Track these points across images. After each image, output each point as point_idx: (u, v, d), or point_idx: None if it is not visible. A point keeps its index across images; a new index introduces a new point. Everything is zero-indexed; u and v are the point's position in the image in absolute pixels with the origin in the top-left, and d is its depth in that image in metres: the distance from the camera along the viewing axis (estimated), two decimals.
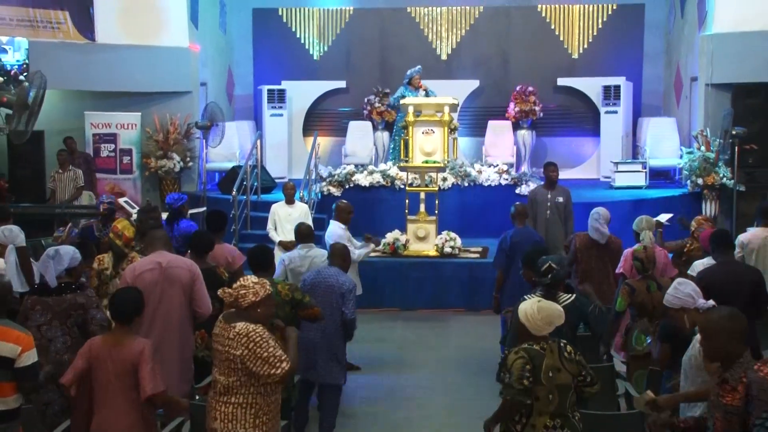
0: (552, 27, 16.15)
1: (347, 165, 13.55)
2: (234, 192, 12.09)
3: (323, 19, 16.48)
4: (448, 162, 12.23)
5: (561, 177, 10.24)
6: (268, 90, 15.59)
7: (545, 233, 9.45)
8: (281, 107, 15.59)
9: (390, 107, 14.93)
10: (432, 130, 11.71)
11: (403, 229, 11.29)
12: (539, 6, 16.13)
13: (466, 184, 12.68)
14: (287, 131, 15.73)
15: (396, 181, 12.61)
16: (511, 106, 15.22)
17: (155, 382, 4.67)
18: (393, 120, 14.89)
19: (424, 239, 11.24)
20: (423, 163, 11.54)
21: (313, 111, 16.25)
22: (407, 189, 11.67)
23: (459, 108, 13.80)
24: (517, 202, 9.21)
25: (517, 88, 15.27)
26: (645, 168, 13.88)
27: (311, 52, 16.51)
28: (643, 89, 16.08)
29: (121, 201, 12.13)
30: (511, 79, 15.77)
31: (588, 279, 8.07)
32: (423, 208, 11.33)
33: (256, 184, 13.14)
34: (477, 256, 11.26)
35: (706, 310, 4.54)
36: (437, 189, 11.68)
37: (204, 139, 13.03)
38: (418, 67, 14.05)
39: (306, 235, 7.70)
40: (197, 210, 12.23)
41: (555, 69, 15.87)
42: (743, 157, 12.20)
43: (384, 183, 12.71)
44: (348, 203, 8.95)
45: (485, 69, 16.18)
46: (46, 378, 5.25)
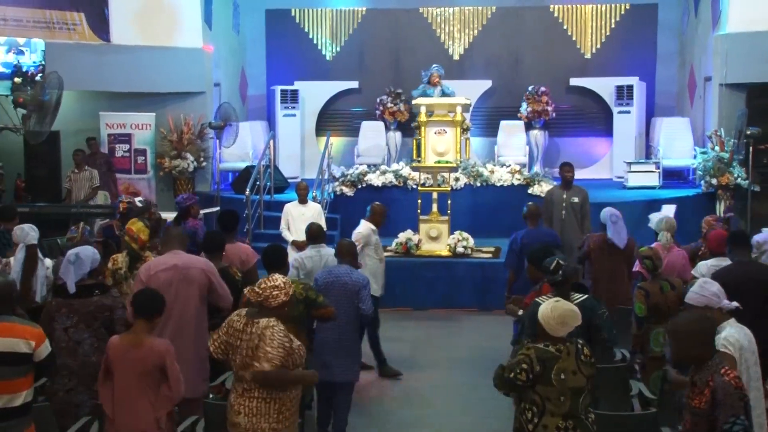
0: (564, 27, 16.13)
1: (360, 165, 13.59)
2: (247, 192, 12.14)
3: (336, 20, 16.52)
4: (460, 162, 12.24)
5: (574, 177, 10.21)
6: (281, 90, 15.65)
7: (560, 233, 9.43)
8: (294, 107, 15.64)
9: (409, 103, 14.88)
10: (444, 130, 11.73)
11: (416, 229, 11.31)
12: (551, 6, 16.12)
13: (478, 184, 12.68)
14: (300, 131, 15.78)
15: (408, 181, 12.63)
16: (524, 106, 15.21)
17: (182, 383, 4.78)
18: (405, 120, 14.90)
19: (436, 239, 11.26)
20: (435, 163, 11.56)
21: (326, 111, 16.29)
22: (420, 189, 11.69)
23: (471, 108, 13.82)
24: (530, 202, 9.18)
25: (530, 88, 15.25)
26: (658, 168, 13.84)
27: (324, 52, 16.55)
28: (657, 89, 16.03)
29: (136, 201, 12.21)
30: (524, 79, 15.75)
31: (601, 279, 8.06)
32: (435, 208, 11.34)
33: (269, 183, 13.20)
34: (489, 256, 11.27)
35: (678, 315, 4.48)
36: (450, 189, 11.68)
37: (217, 139, 13.09)
38: (433, 66, 14.02)
39: (317, 235, 7.69)
40: (210, 210, 12.31)
41: (567, 69, 15.85)
42: (758, 157, 12.16)
43: (396, 183, 12.73)
44: (383, 206, 8.72)
45: (497, 69, 16.17)
46: (57, 368, 5.30)
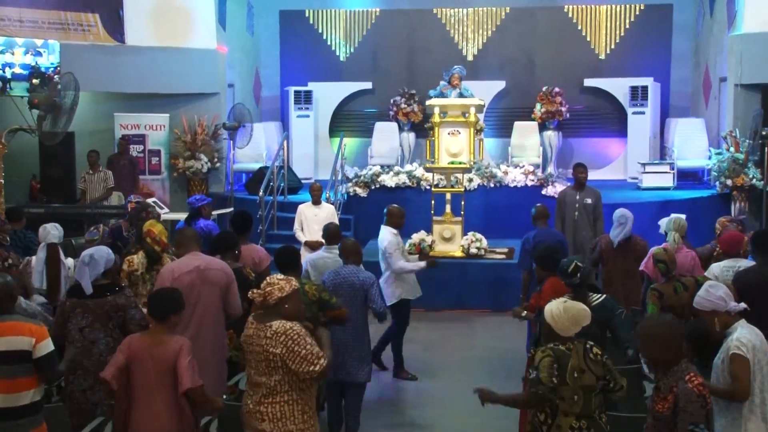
0: (578, 27, 16.08)
1: (373, 166, 13.59)
2: (261, 193, 12.18)
3: (350, 21, 16.53)
4: (474, 163, 12.23)
5: (588, 178, 10.19)
6: (294, 91, 15.68)
7: (573, 234, 9.42)
8: (308, 108, 15.67)
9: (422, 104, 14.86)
10: (458, 131, 11.72)
11: (429, 230, 11.31)
12: (565, 6, 16.07)
13: (492, 185, 12.67)
14: (313, 132, 15.80)
15: (422, 182, 12.62)
16: (538, 106, 15.17)
17: (193, 375, 4.67)
18: (419, 120, 14.89)
19: (449, 240, 11.25)
20: (449, 164, 11.55)
21: (340, 112, 16.30)
22: (433, 190, 11.69)
23: (485, 109, 13.79)
24: (539, 203, 9.19)
25: (544, 88, 15.21)
26: (673, 169, 13.78)
27: (338, 53, 16.56)
28: (671, 90, 15.96)
29: (150, 202, 12.26)
30: (537, 80, 15.71)
31: (613, 280, 8.05)
32: (449, 208, 11.33)
33: (282, 184, 13.21)
34: (503, 257, 11.25)
35: (646, 319, 4.46)
36: (463, 190, 11.67)
37: (231, 140, 13.12)
38: (454, 67, 13.98)
39: (333, 235, 7.72)
40: (224, 211, 12.35)
41: (581, 69, 15.79)
42: None
43: (410, 184, 12.73)
44: (400, 207, 8.62)
45: (511, 70, 16.14)
46: (68, 367, 5.29)
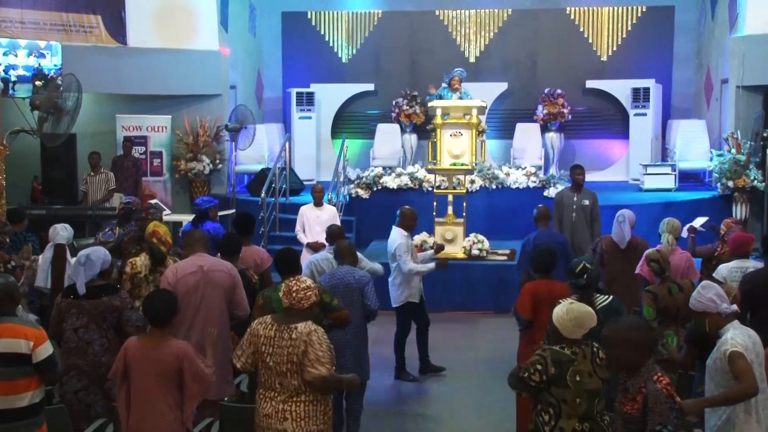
0: (581, 29, 16.09)
1: (375, 167, 13.58)
2: (263, 194, 12.18)
3: (352, 23, 16.54)
4: (476, 164, 12.23)
5: (590, 179, 10.20)
6: (296, 93, 15.68)
7: (571, 236, 9.42)
8: (310, 110, 15.67)
9: (424, 105, 14.87)
10: (460, 132, 11.71)
11: (431, 232, 11.31)
12: (567, 8, 16.08)
13: (493, 186, 12.68)
14: (315, 134, 15.80)
15: (424, 184, 12.63)
16: (540, 108, 15.17)
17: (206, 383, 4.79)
18: (421, 122, 14.90)
19: (451, 241, 11.25)
20: (451, 166, 11.55)
21: (342, 113, 16.31)
22: (435, 191, 11.68)
23: (487, 110, 13.79)
24: (540, 204, 9.21)
25: (546, 90, 15.21)
26: (674, 170, 13.78)
27: (340, 55, 16.58)
28: (673, 91, 15.96)
29: (152, 203, 12.26)
30: (540, 82, 15.71)
31: (615, 282, 8.05)
32: (451, 210, 11.34)
33: (284, 186, 13.22)
34: (505, 258, 11.26)
35: (612, 321, 4.42)
36: (465, 191, 11.67)
37: (233, 142, 13.13)
38: (455, 69, 13.99)
39: (336, 237, 7.74)
40: (226, 212, 12.35)
41: (583, 71, 15.79)
42: None
43: (412, 185, 12.74)
44: (413, 210, 8.56)
45: (513, 71, 16.14)
46: (66, 368, 5.33)
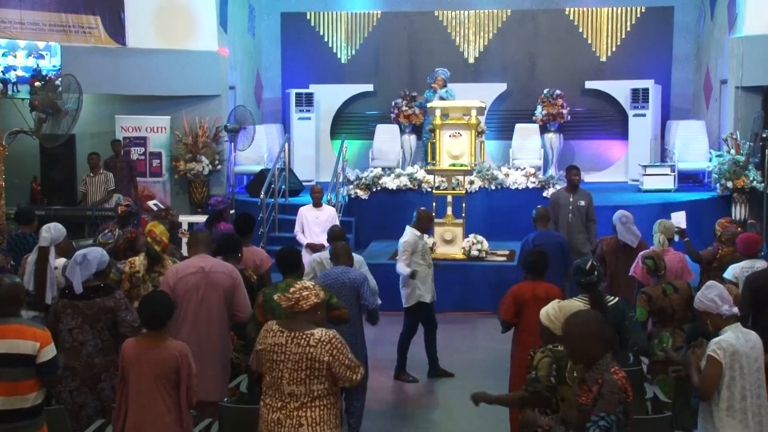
0: (580, 30, 16.09)
1: (374, 168, 13.58)
2: (262, 195, 12.18)
3: (351, 23, 16.54)
4: (475, 165, 12.22)
5: (589, 180, 10.23)
6: (296, 93, 15.68)
7: (567, 237, 9.42)
8: (309, 110, 15.67)
9: (419, 106, 14.89)
10: (459, 133, 11.71)
11: (430, 233, 11.30)
12: (567, 9, 16.08)
13: (493, 187, 12.68)
14: (315, 134, 15.80)
15: (423, 184, 12.63)
16: (539, 109, 15.18)
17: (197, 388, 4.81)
18: (420, 123, 14.90)
19: (451, 242, 11.25)
20: (450, 166, 11.55)
21: (341, 114, 16.31)
22: (434, 192, 11.69)
23: (486, 111, 13.79)
24: (539, 205, 9.23)
25: (545, 91, 15.22)
26: (673, 171, 13.79)
27: (339, 55, 16.58)
28: (672, 92, 15.96)
29: (150, 204, 12.26)
30: (539, 83, 15.71)
31: (615, 282, 8.05)
32: (450, 211, 11.34)
33: (283, 187, 13.22)
34: (504, 259, 11.26)
35: (570, 315, 4.43)
36: (464, 192, 11.68)
37: (232, 143, 13.13)
38: (437, 70, 13.97)
39: (337, 238, 7.74)
40: None
41: (583, 72, 15.81)
42: None
43: (411, 186, 12.74)
44: (429, 212, 8.65)
45: (513, 72, 16.15)
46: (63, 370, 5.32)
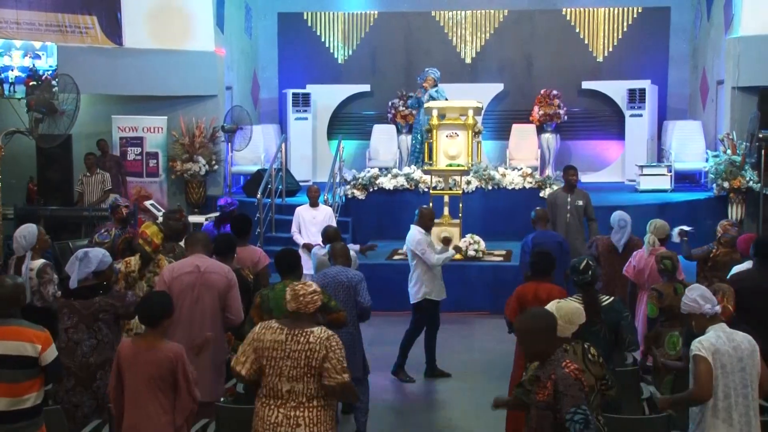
0: (576, 30, 16.10)
1: (371, 168, 13.58)
2: (259, 195, 12.17)
3: (348, 24, 16.54)
4: (472, 165, 12.23)
5: (586, 180, 10.23)
6: (293, 93, 15.67)
7: (565, 237, 9.43)
8: (306, 111, 15.66)
9: (411, 107, 14.88)
10: (456, 133, 11.72)
11: None
12: (564, 9, 16.10)
13: (490, 187, 12.67)
14: (312, 134, 15.79)
15: (420, 185, 12.63)
16: (536, 109, 15.19)
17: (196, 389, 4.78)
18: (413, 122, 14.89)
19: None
20: (447, 167, 11.55)
21: (338, 114, 16.31)
22: (431, 192, 11.69)
23: (483, 111, 13.79)
24: (538, 207, 9.23)
25: (542, 91, 15.23)
26: (670, 171, 13.81)
27: (336, 55, 16.57)
28: (669, 92, 15.99)
29: (147, 204, 12.26)
30: (536, 83, 15.73)
31: (611, 283, 8.06)
32: (447, 211, 11.33)
33: (280, 187, 13.21)
34: (501, 259, 11.26)
35: (521, 313, 4.44)
36: (461, 192, 11.69)
37: (229, 143, 13.12)
38: (426, 69, 13.94)
39: (332, 239, 7.75)
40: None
41: (579, 72, 15.82)
42: None
43: (408, 186, 12.73)
44: (431, 209, 8.72)
45: (509, 72, 16.15)
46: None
